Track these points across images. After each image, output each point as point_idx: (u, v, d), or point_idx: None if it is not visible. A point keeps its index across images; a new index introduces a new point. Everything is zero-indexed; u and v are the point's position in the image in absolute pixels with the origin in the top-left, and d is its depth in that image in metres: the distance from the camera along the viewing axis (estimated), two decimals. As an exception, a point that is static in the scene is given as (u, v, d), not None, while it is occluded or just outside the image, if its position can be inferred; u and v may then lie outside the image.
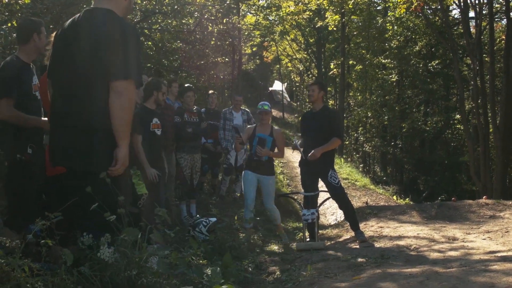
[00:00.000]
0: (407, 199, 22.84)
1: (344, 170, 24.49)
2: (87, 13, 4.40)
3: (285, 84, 64.81)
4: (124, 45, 4.19)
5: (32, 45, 5.92)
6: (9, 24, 8.57)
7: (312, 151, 9.06)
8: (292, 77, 64.78)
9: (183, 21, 17.58)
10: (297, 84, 63.94)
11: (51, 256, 4.68)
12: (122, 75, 4.12)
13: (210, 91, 13.86)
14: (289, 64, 56.71)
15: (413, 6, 23.57)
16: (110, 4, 4.39)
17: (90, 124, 4.17)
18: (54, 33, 5.19)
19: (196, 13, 18.04)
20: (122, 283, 3.75)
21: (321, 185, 9.62)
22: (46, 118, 5.64)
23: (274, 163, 10.11)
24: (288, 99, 64.10)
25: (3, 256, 3.46)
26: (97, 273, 3.78)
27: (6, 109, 5.60)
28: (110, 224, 3.94)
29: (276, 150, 10.01)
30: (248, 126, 10.71)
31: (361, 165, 38.21)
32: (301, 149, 9.47)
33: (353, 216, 9.24)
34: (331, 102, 46.74)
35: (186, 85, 11.87)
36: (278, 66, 59.56)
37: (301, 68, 54.47)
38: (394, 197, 22.47)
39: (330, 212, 15.97)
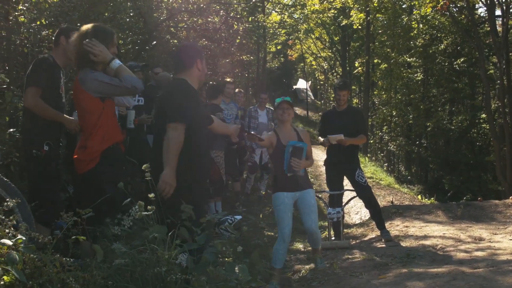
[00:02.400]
0: (432, 198, 22.68)
1: (368, 169, 24.43)
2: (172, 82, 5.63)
3: (309, 82, 64.76)
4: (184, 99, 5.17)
5: (60, 48, 6.02)
6: (38, 22, 8.65)
7: (342, 135, 8.95)
8: (317, 75, 64.73)
9: (209, 19, 17.62)
10: (321, 82, 63.86)
11: (80, 251, 4.75)
12: (170, 119, 5.03)
13: (237, 90, 13.86)
14: (313, 62, 56.65)
15: (439, 5, 23.42)
16: (186, 75, 5.35)
17: None
18: (77, 32, 5.41)
19: (221, 11, 18.07)
20: (152, 280, 3.79)
21: (346, 183, 9.61)
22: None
23: None
24: (312, 97, 64.10)
25: (35, 252, 3.50)
26: (127, 268, 3.83)
27: (32, 97, 5.73)
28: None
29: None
30: (266, 135, 7.80)
31: (386, 164, 38.07)
32: (337, 136, 9.01)
33: (379, 215, 9.24)
34: (355, 100, 46.64)
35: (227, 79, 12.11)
36: (302, 64, 59.53)
37: (325, 67, 54.38)
38: (419, 197, 22.35)
39: (354, 211, 15.92)
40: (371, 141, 40.47)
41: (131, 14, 13.73)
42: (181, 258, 3.95)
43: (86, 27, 5.34)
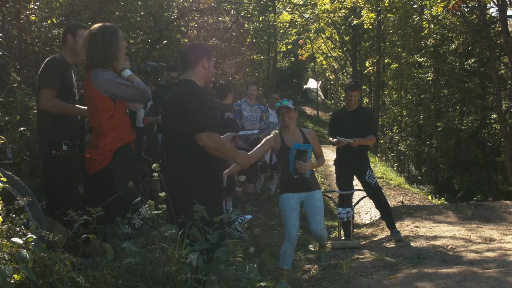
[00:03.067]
0: (442, 199, 22.62)
1: (378, 169, 24.40)
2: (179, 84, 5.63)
3: (320, 82, 64.77)
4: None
5: (68, 46, 6.05)
6: (49, 21, 8.66)
7: (351, 140, 8.99)
8: (327, 75, 64.67)
9: (220, 18, 17.65)
10: (331, 82, 63.82)
11: (91, 250, 4.77)
12: (198, 129, 5.00)
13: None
14: (323, 62, 56.62)
15: (450, 5, 23.37)
16: (192, 75, 5.34)
17: None
18: (88, 30, 5.41)
19: (232, 10, 18.09)
20: (162, 279, 3.80)
21: (356, 183, 9.60)
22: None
23: None
24: (323, 97, 64.15)
25: (46, 250, 3.52)
26: (137, 267, 3.84)
27: (48, 99, 5.76)
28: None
29: (314, 160, 7.83)
30: (268, 138, 7.61)
31: (396, 164, 38.02)
32: (346, 141, 9.02)
33: (389, 215, 9.23)
34: (365, 100, 46.64)
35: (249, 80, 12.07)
36: (312, 64, 59.49)
37: (336, 66, 54.41)
38: (429, 197, 22.29)
39: (364, 211, 15.91)
40: (381, 141, 40.40)
41: (142, 13, 13.75)
42: (192, 257, 3.95)
43: (94, 27, 5.34)
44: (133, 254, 3.85)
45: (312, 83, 63.21)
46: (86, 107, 5.65)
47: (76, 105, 6.02)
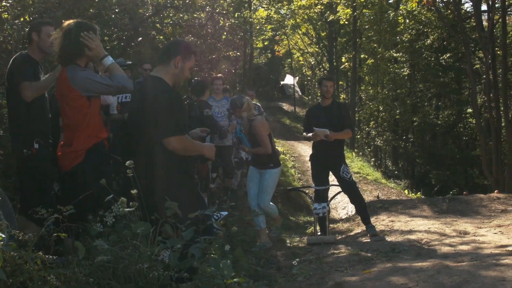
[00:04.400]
0: (419, 193, 22.82)
1: (355, 164, 24.51)
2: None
3: (297, 78, 64.78)
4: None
5: (34, 44, 6.00)
6: (22, 19, 8.60)
7: (327, 130, 9.01)
8: (304, 71, 64.74)
9: (195, 15, 17.58)
10: (308, 78, 63.89)
11: (64, 248, 4.75)
12: (166, 134, 4.93)
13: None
14: (300, 58, 56.71)
15: (425, 0, 23.52)
16: (161, 72, 5.18)
17: None
18: (59, 29, 5.38)
19: (207, 7, 18.03)
20: (134, 276, 3.79)
21: (332, 179, 9.62)
22: None
23: (286, 157, 9.64)
24: (300, 93, 64.17)
25: (16, 249, 3.50)
26: (109, 265, 3.83)
27: (30, 90, 5.72)
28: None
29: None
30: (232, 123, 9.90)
31: (373, 159, 38.23)
32: (322, 130, 9.04)
33: (364, 210, 9.25)
34: (342, 96, 46.75)
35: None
36: (289, 60, 59.51)
37: (312, 62, 54.45)
38: (406, 191, 22.49)
39: (342, 206, 16.01)
40: (358, 136, 40.60)
41: (116, 11, 13.65)
42: (164, 254, 3.95)
43: (68, 23, 5.32)
44: (105, 252, 3.84)
45: (289, 79, 63.18)
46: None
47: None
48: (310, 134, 9.33)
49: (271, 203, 9.16)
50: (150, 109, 4.94)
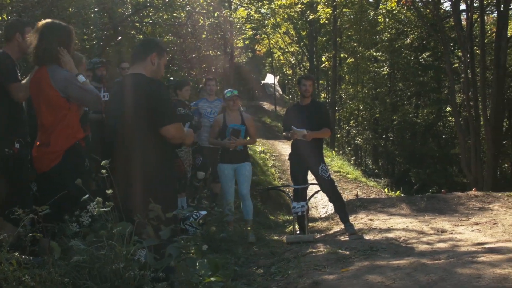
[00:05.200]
0: (398, 191, 22.93)
1: (335, 163, 24.56)
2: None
3: (277, 77, 64.86)
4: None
5: (15, 44, 5.94)
6: (0, 18, 8.56)
7: (304, 131, 9.04)
8: (284, 70, 64.84)
9: (174, 14, 17.57)
10: (289, 77, 64.00)
11: (40, 249, 4.73)
12: (164, 122, 5.00)
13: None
14: (281, 57, 56.75)
15: (403, -1, 23.68)
16: (140, 69, 5.19)
17: None
18: (36, 29, 5.35)
19: (187, 6, 18.02)
20: (110, 276, 3.79)
21: (311, 178, 9.64)
22: None
23: (266, 156, 9.95)
24: (280, 92, 64.20)
25: (-10, 250, 3.49)
26: (85, 265, 3.82)
27: (22, 91, 5.67)
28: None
29: (248, 138, 9.79)
30: (217, 117, 10.10)
31: (353, 158, 38.38)
32: (300, 130, 9.10)
33: (343, 209, 9.26)
34: (323, 95, 46.86)
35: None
36: (270, 59, 59.54)
37: (293, 61, 54.55)
38: (386, 190, 22.57)
39: (322, 205, 16.05)
40: (338, 135, 40.73)
41: (96, 10, 13.63)
42: (140, 254, 3.95)
43: (45, 22, 5.31)
44: (80, 252, 3.83)
45: (270, 78, 63.20)
46: None
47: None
48: (288, 133, 9.37)
49: (250, 200, 9.84)
50: (141, 103, 4.94)
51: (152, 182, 4.88)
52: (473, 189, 14.57)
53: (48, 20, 5.37)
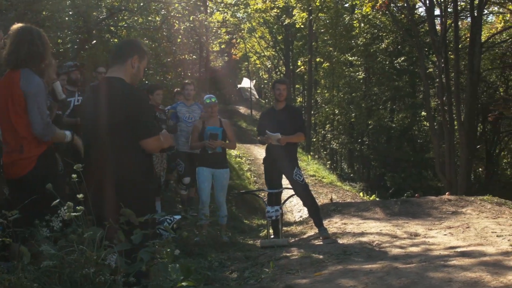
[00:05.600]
0: (374, 195, 23.01)
1: (311, 167, 24.60)
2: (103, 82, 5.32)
3: (254, 81, 64.95)
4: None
5: None
6: (-29, 21, 8.50)
7: (279, 135, 9.07)
8: (261, 74, 64.96)
9: (149, 18, 17.55)
10: (265, 81, 64.08)
11: (10, 254, 4.68)
12: (143, 135, 4.85)
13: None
14: (257, 62, 56.77)
15: (378, 4, 23.79)
16: (119, 72, 5.00)
17: None
18: (19, 27, 5.27)
19: (162, 10, 18.00)
20: (80, 281, 3.76)
21: (286, 182, 9.65)
22: None
23: (242, 161, 10.08)
24: (257, 96, 64.27)
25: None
26: (55, 270, 3.79)
27: None
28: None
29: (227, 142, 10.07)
30: (196, 122, 10.45)
31: (329, 162, 38.46)
32: (274, 135, 9.17)
33: (317, 213, 9.29)
34: (299, 99, 47.04)
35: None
36: (246, 63, 59.57)
37: (269, 66, 54.62)
38: (361, 194, 22.64)
39: (297, 209, 16.07)
40: (314, 139, 40.81)
41: (70, 13, 13.55)
42: (110, 258, 3.93)
43: (25, 26, 5.26)
44: (51, 256, 3.80)
45: (246, 83, 63.25)
46: None
47: None
48: (263, 137, 9.40)
49: (225, 207, 10.23)
50: (120, 111, 4.74)
51: (129, 186, 4.79)
52: (447, 193, 14.67)
53: (21, 24, 5.32)
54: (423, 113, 33.85)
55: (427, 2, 24.84)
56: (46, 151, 5.19)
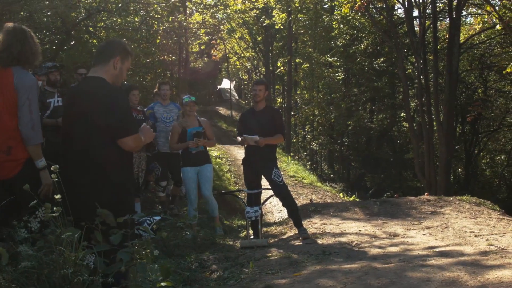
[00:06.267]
0: (354, 196, 23.06)
1: (291, 167, 24.61)
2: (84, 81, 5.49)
3: (234, 82, 65.00)
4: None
5: None
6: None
7: (257, 137, 9.10)
8: (241, 75, 64.94)
9: (128, 19, 17.50)
10: (245, 82, 64.08)
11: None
12: (121, 134, 4.81)
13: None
14: (237, 62, 56.74)
15: (356, 5, 23.87)
16: (101, 72, 4.99)
17: None
18: (11, 25, 5.30)
19: (141, 11, 17.96)
20: (59, 281, 3.75)
21: (266, 183, 9.66)
22: None
23: (222, 161, 10.29)
24: (237, 97, 64.29)
25: None
26: (33, 270, 3.78)
27: None
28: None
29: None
30: (174, 124, 10.66)
31: (309, 163, 38.48)
32: (252, 137, 9.19)
33: (296, 213, 9.31)
34: (279, 100, 47.04)
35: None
36: (226, 64, 59.55)
37: (249, 66, 54.62)
38: (341, 195, 22.67)
39: (278, 209, 16.07)
40: (294, 140, 40.85)
41: (48, 14, 13.50)
42: (89, 259, 3.92)
43: (18, 25, 5.28)
44: (29, 257, 3.79)
45: (226, 84, 63.27)
46: None
47: None
48: (240, 139, 9.44)
49: (213, 199, 10.72)
50: (97, 110, 4.74)
51: (107, 186, 4.77)
52: (426, 193, 14.74)
53: (13, 24, 5.31)
54: (402, 113, 33.99)
55: (406, 3, 24.94)
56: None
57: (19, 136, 5.10)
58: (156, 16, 18.95)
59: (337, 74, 37.22)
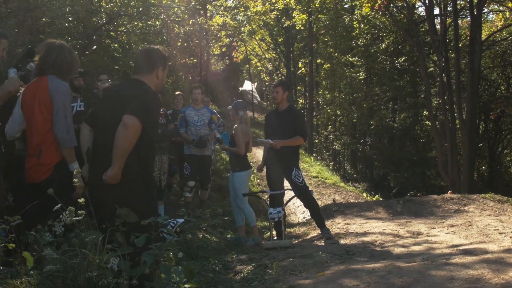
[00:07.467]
0: (377, 196, 22.96)
1: (314, 168, 24.56)
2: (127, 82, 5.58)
3: (255, 84, 64.98)
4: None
5: None
6: (-28, 30, 8.50)
7: (270, 141, 9.19)
8: (262, 77, 65.01)
9: (149, 23, 17.53)
10: (267, 83, 64.10)
11: (15, 259, 4.71)
12: (133, 112, 4.68)
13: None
14: (258, 64, 56.79)
15: (377, 4, 23.79)
16: (144, 79, 5.09)
17: None
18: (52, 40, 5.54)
19: (162, 14, 17.99)
20: (84, 285, 3.79)
21: (288, 184, 9.65)
22: None
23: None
24: (259, 99, 64.28)
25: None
26: (58, 274, 3.82)
27: None
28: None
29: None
30: (236, 128, 10.45)
31: (331, 163, 38.44)
32: (266, 141, 9.52)
33: (318, 214, 9.30)
34: (301, 101, 47.00)
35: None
36: (247, 66, 59.59)
37: (270, 68, 54.63)
38: (364, 194, 22.60)
39: (301, 210, 16.03)
40: (316, 141, 40.81)
41: (70, 19, 13.56)
42: (113, 262, 3.95)
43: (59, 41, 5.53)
44: (54, 261, 3.83)
45: (248, 85, 63.28)
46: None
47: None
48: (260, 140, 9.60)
49: (250, 208, 10.42)
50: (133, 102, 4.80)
51: (134, 189, 4.82)
52: (449, 191, 14.67)
53: (53, 40, 5.53)
54: (424, 112, 33.83)
55: (427, 1, 24.85)
56: (62, 160, 5.25)
57: (49, 140, 5.22)
58: (176, 19, 18.99)
59: (358, 74, 37.06)
